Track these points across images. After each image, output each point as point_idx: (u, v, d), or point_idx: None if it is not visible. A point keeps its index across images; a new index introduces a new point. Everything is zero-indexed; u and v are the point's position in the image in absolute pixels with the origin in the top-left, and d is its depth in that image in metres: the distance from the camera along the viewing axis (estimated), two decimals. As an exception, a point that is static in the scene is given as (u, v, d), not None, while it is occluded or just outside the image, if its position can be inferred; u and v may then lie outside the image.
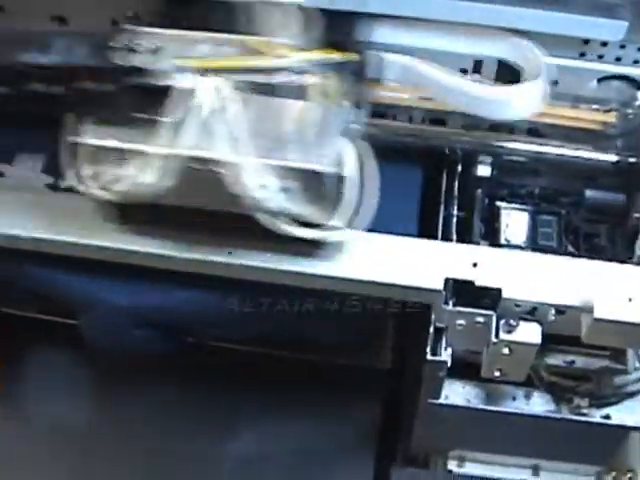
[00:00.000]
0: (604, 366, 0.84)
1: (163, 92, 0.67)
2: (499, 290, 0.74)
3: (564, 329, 0.76)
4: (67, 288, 0.88)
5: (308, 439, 1.01)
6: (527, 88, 0.75)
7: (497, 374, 0.79)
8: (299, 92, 0.69)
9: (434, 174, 0.87)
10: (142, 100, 0.68)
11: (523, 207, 0.86)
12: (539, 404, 0.87)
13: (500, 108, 0.76)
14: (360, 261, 0.76)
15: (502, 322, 0.75)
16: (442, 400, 0.85)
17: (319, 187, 0.67)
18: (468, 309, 0.75)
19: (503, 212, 0.85)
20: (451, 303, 0.76)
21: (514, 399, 0.87)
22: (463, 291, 0.76)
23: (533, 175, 0.86)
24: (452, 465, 0.98)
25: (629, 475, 0.95)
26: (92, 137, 0.68)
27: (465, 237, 0.83)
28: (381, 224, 0.77)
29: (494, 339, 0.75)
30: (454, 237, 0.82)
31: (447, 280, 0.75)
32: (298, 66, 0.69)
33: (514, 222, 0.85)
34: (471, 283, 0.75)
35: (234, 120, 0.66)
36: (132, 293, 0.85)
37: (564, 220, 0.85)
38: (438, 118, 0.85)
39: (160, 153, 0.67)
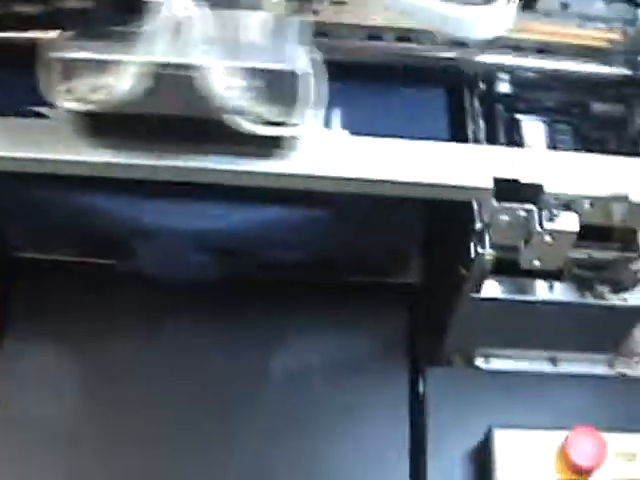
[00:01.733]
0: (619, 255, 0.93)
1: (136, 6, 0.72)
2: (541, 186, 0.83)
3: (597, 219, 0.85)
4: (122, 216, 0.93)
5: (346, 351, 1.09)
6: (497, 9, 0.82)
7: (536, 263, 0.88)
8: (256, 4, 0.76)
9: (456, 92, 0.95)
10: (116, 15, 0.74)
11: (540, 119, 0.94)
12: (564, 293, 0.96)
13: (470, 27, 0.82)
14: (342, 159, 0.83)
15: (544, 213, 0.83)
16: (483, 294, 0.93)
17: (279, 85, 0.74)
18: (515, 204, 0.84)
19: (523, 124, 0.94)
20: (495, 200, 0.84)
21: (543, 291, 0.96)
22: (504, 189, 0.84)
23: (546, 90, 0.95)
24: (479, 362, 1.07)
25: (635, 359, 1.06)
26: (71, 51, 0.73)
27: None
28: (411, 133, 0.86)
29: (538, 229, 0.83)
30: (485, 144, 0.91)
31: (495, 179, 0.83)
32: None
33: (534, 132, 0.94)
34: (516, 181, 0.83)
35: (202, 29, 0.73)
36: (193, 217, 0.92)
37: (577, 129, 0.94)
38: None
39: (134, 61, 0.72)
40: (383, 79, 0.93)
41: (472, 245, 0.88)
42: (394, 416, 1.05)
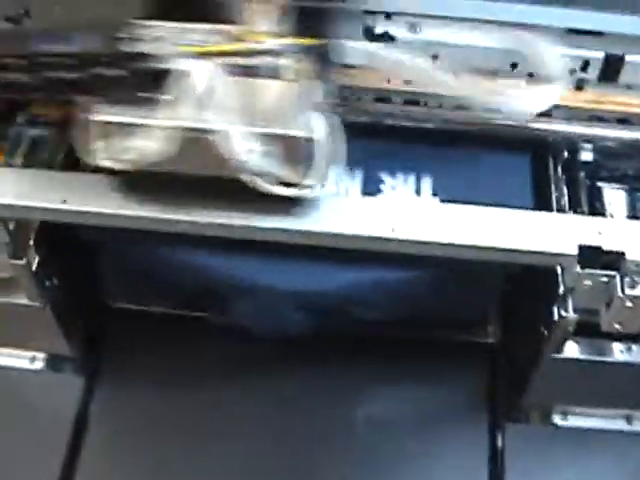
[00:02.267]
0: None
1: (164, 74, 0.79)
2: (623, 253, 0.87)
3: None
4: (219, 272, 0.98)
5: (426, 404, 1.13)
6: (542, 90, 0.87)
7: (617, 327, 0.91)
8: (275, 72, 0.81)
9: (540, 160, 1.00)
10: (146, 82, 0.79)
11: (621, 186, 0.98)
12: (640, 354, 0.99)
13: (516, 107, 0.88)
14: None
15: (626, 280, 0.87)
16: (564, 354, 0.97)
17: (294, 150, 0.80)
18: (598, 271, 0.88)
19: (604, 191, 0.98)
20: (579, 266, 0.88)
21: (620, 352, 0.99)
22: (588, 256, 0.88)
23: (627, 158, 0.99)
24: (557, 419, 1.11)
25: None
26: (105, 114, 0.79)
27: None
28: (500, 202, 0.91)
29: (620, 294, 0.87)
30: (568, 212, 0.95)
31: (579, 246, 0.87)
32: (274, 49, 0.81)
33: (615, 200, 0.98)
34: (599, 248, 0.87)
35: (223, 96, 0.78)
36: (289, 275, 0.96)
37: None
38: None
39: (162, 125, 0.78)
40: (471, 147, 0.97)
41: (555, 308, 0.91)
42: (473, 469, 1.09)
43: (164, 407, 1.14)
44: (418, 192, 0.96)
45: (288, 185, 0.82)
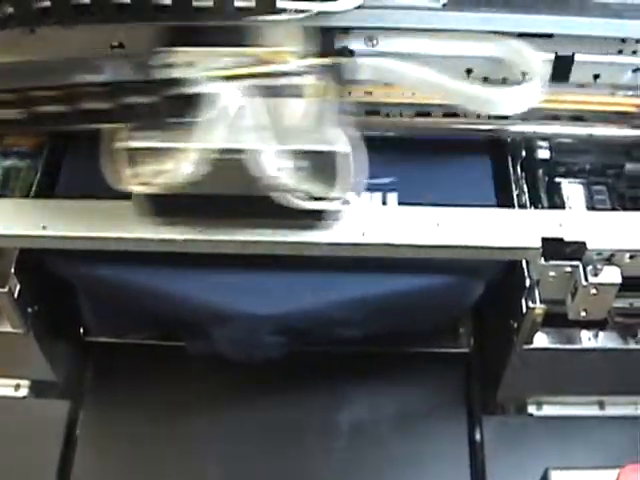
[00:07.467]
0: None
1: (194, 99, 0.81)
2: (584, 243, 0.91)
3: (636, 270, 0.92)
4: (193, 300, 0.99)
5: (406, 408, 1.18)
6: (520, 90, 0.90)
7: (583, 314, 0.95)
8: (298, 91, 0.85)
9: (500, 160, 1.04)
10: (177, 107, 0.82)
11: (578, 181, 1.03)
12: (608, 341, 1.04)
13: (494, 106, 0.90)
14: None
15: (589, 268, 0.91)
16: (534, 345, 1.01)
17: (322, 165, 0.83)
18: (561, 262, 0.92)
19: (563, 186, 1.02)
20: (543, 259, 0.92)
21: (588, 339, 1.03)
22: (551, 248, 0.92)
23: (583, 154, 1.03)
24: (532, 409, 1.15)
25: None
26: (137, 141, 0.82)
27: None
28: (463, 201, 0.95)
29: (584, 282, 0.91)
30: (529, 207, 0.99)
31: (542, 239, 0.91)
32: (298, 69, 0.84)
33: (573, 194, 1.02)
34: (561, 240, 0.91)
35: (251, 117, 0.81)
36: (270, 302, 0.97)
37: (612, 188, 1.02)
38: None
39: (194, 147, 0.81)
40: (433, 151, 1.01)
41: (523, 300, 0.95)
42: (456, 462, 1.13)
43: (149, 428, 1.17)
44: (382, 196, 0.99)
45: (316, 199, 0.85)
